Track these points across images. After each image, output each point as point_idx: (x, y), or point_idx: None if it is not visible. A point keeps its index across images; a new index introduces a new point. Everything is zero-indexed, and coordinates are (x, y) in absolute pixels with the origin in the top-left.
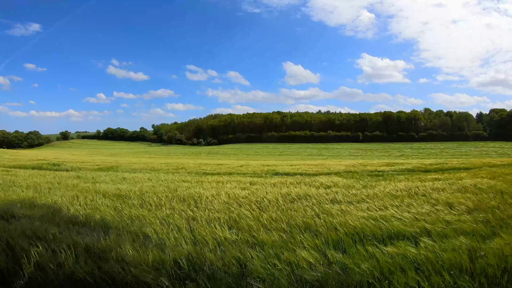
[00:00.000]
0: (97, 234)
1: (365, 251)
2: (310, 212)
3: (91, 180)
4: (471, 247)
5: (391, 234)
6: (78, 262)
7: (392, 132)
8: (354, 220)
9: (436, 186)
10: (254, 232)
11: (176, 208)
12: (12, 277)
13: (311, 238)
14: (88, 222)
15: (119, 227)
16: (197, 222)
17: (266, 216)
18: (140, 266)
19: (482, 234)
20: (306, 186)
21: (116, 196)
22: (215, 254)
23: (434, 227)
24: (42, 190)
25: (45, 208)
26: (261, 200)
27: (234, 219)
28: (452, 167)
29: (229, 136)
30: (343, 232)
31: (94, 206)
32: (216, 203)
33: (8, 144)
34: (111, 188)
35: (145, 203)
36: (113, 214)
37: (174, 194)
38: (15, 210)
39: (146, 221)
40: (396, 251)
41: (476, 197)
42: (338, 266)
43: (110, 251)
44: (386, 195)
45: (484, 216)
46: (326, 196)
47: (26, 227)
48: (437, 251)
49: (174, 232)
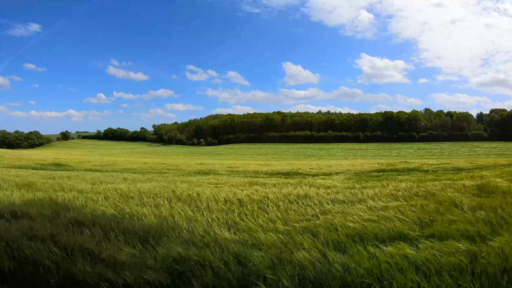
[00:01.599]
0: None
1: (366, 251)
2: (311, 212)
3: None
4: (471, 248)
5: (392, 235)
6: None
7: (393, 132)
8: (354, 220)
9: (436, 187)
10: (254, 232)
11: (175, 207)
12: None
13: (311, 238)
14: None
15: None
16: (198, 222)
17: (267, 216)
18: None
19: (483, 234)
20: (306, 186)
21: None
22: (214, 254)
23: (434, 227)
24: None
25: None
26: (261, 200)
27: (234, 219)
28: (453, 167)
29: (230, 136)
30: (343, 232)
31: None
32: (216, 203)
33: (9, 144)
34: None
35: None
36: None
37: (174, 195)
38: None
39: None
40: (397, 251)
41: (477, 197)
42: (339, 266)
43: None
44: (387, 195)
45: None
46: (326, 196)
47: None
48: (437, 251)
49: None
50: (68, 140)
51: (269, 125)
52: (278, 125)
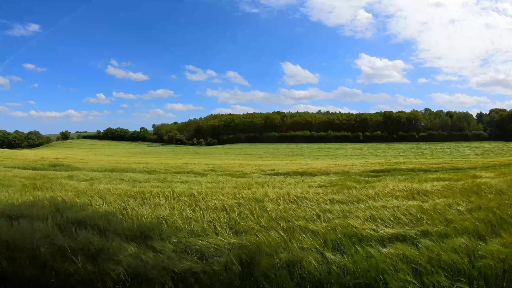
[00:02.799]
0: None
1: (364, 251)
2: (310, 212)
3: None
4: (470, 247)
5: (391, 235)
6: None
7: (393, 132)
8: (353, 220)
9: (436, 187)
10: (254, 232)
11: (175, 207)
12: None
13: (310, 238)
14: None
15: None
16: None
17: (267, 216)
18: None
19: (482, 234)
20: (306, 186)
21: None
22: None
23: (434, 227)
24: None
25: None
26: (261, 200)
27: (234, 219)
28: (452, 167)
29: (230, 136)
30: (342, 232)
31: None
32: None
33: (9, 144)
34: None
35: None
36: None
37: (173, 194)
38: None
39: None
40: (396, 252)
41: (475, 197)
42: (337, 266)
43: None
44: (386, 195)
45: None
46: (325, 196)
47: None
48: (436, 251)
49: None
50: (68, 140)
51: (269, 125)
52: (278, 125)
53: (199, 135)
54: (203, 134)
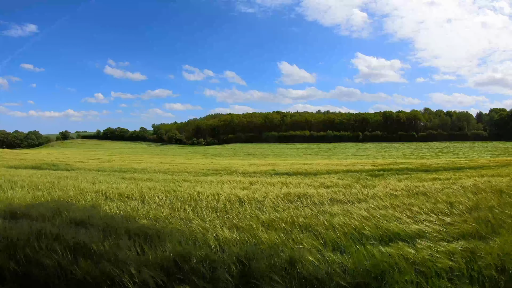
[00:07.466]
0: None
1: (365, 251)
2: (310, 212)
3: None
4: (469, 247)
5: (391, 234)
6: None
7: (392, 132)
8: (353, 220)
9: (436, 186)
10: (254, 232)
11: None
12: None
13: (310, 238)
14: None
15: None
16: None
17: (266, 216)
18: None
19: (482, 234)
20: (306, 186)
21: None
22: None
23: (434, 227)
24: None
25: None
26: (261, 200)
27: (234, 219)
28: (452, 167)
29: (229, 136)
30: (343, 232)
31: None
32: (215, 203)
33: (8, 144)
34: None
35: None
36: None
37: (173, 194)
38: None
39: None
40: (395, 251)
41: (475, 196)
42: (338, 266)
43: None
44: (386, 195)
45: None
46: (326, 196)
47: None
48: (435, 251)
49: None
50: (67, 140)
51: (269, 124)
52: (278, 125)
53: (199, 135)
54: (202, 134)
